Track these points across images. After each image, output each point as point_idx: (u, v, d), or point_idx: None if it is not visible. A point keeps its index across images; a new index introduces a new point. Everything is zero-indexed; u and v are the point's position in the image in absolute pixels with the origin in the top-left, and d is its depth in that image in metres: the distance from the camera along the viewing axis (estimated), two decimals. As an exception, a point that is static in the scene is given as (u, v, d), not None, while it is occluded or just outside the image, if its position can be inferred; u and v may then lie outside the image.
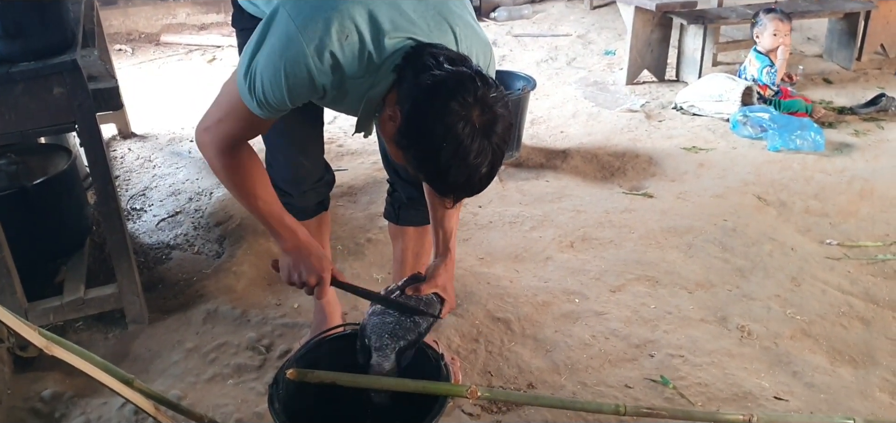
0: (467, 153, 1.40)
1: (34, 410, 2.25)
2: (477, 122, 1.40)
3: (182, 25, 7.02)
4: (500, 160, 1.47)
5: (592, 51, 6.15)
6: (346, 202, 3.56)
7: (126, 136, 4.46)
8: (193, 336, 2.59)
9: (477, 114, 1.40)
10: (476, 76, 1.43)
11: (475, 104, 1.40)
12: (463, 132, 1.38)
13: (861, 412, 2.21)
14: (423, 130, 1.42)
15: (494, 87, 1.46)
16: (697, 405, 2.25)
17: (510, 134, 1.49)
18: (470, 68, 1.45)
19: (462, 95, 1.39)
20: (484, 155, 1.42)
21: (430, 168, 1.45)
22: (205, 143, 1.73)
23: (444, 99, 1.39)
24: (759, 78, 4.61)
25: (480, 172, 1.44)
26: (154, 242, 3.25)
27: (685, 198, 3.59)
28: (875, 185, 3.68)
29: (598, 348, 2.51)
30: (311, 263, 1.81)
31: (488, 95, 1.42)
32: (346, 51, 1.50)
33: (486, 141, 1.41)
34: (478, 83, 1.41)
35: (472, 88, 1.40)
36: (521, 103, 3.98)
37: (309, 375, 1.75)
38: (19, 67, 2.14)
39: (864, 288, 2.88)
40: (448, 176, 1.44)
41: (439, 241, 2.00)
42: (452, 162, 1.41)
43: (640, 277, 2.92)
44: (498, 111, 1.43)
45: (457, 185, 1.46)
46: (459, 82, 1.41)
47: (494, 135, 1.43)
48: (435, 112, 1.40)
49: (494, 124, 1.43)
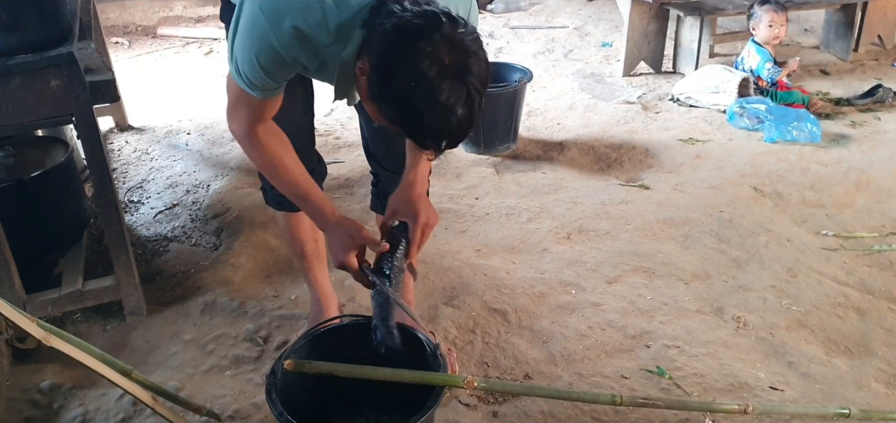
0: (438, 94, 1.36)
1: (33, 401, 2.26)
2: (446, 60, 1.36)
3: (179, 18, 7.00)
4: (478, 101, 1.42)
5: (589, 43, 6.15)
6: (343, 194, 3.57)
7: (123, 128, 4.46)
8: (191, 328, 2.60)
9: (445, 52, 1.36)
10: (442, 15, 1.38)
11: (442, 42, 1.35)
12: (431, 72, 1.35)
13: (856, 402, 2.23)
14: (391, 76, 1.40)
15: (463, 24, 1.41)
16: (693, 395, 2.26)
17: (487, 72, 1.43)
18: (436, 8, 1.40)
19: (427, 35, 1.35)
20: (458, 95, 1.37)
21: (405, 116, 1.42)
22: (232, 131, 1.79)
23: (410, 40, 1.36)
24: (758, 71, 4.60)
25: (457, 115, 1.39)
26: (152, 234, 3.26)
27: (682, 189, 3.59)
28: (871, 176, 3.68)
29: (595, 339, 2.52)
30: (334, 245, 1.82)
31: (456, 33, 1.38)
32: (309, 21, 1.50)
33: (458, 81, 1.37)
34: (443, 20, 1.37)
35: (438, 27, 1.36)
36: (517, 95, 3.98)
37: (306, 366, 1.76)
38: (16, 60, 2.14)
39: (859, 279, 2.90)
40: (422, 122, 1.40)
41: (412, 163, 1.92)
42: (424, 106, 1.37)
43: (636, 268, 2.93)
44: (469, 48, 1.39)
45: (434, 130, 1.42)
46: (425, 22, 1.37)
47: (468, 73, 1.38)
48: (401, 55, 1.37)
49: (466, 62, 1.38)
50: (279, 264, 2.97)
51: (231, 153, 4.02)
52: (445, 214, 3.38)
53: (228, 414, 2.20)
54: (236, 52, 1.60)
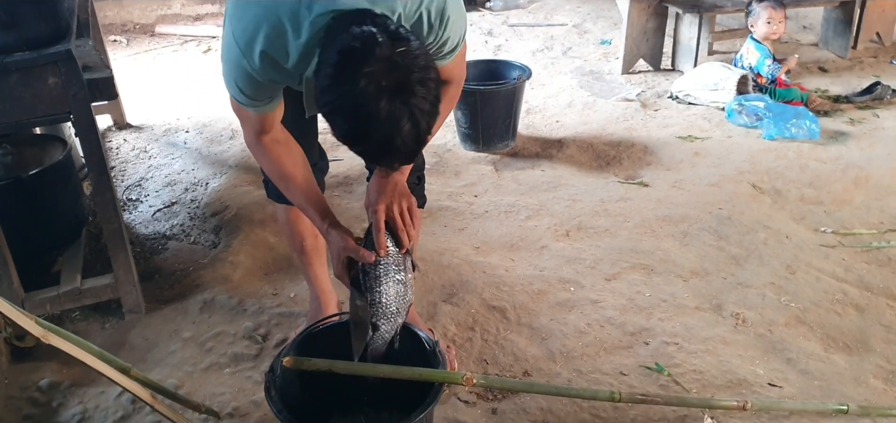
0: (376, 115, 1.34)
1: (32, 399, 2.26)
2: (384, 81, 1.34)
3: (177, 16, 6.99)
4: (425, 118, 1.39)
5: (588, 40, 6.14)
6: (341, 192, 3.57)
7: (121, 126, 4.45)
8: (190, 326, 2.60)
9: (383, 73, 1.33)
10: (380, 35, 1.36)
11: (380, 63, 1.33)
12: (368, 93, 1.33)
13: (855, 398, 2.23)
14: (332, 99, 1.39)
15: (405, 42, 1.38)
16: (692, 391, 2.26)
17: (434, 90, 1.40)
18: (381, 28, 1.38)
19: (365, 57, 1.34)
20: (398, 114, 1.35)
21: (349, 137, 1.42)
22: (244, 140, 1.84)
23: (348, 64, 1.35)
24: (757, 68, 4.60)
25: (401, 134, 1.37)
26: (150, 232, 3.26)
27: (680, 187, 3.59)
28: (870, 173, 3.68)
29: (594, 336, 2.52)
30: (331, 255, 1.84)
31: (395, 52, 1.35)
32: (274, 45, 1.51)
33: (397, 100, 1.35)
34: (380, 41, 1.35)
35: (375, 48, 1.34)
36: (516, 93, 3.98)
37: (305, 363, 1.76)
38: (14, 57, 2.14)
39: (858, 275, 2.90)
40: (367, 141, 1.40)
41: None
42: (366, 128, 1.37)
43: (635, 265, 2.93)
44: (409, 68, 1.36)
45: (379, 150, 1.42)
46: (361, 44, 1.35)
47: (410, 95, 1.36)
48: (339, 78, 1.36)
49: (406, 83, 1.36)
50: (278, 262, 2.97)
51: (229, 151, 4.02)
52: (444, 211, 3.38)
53: (227, 412, 2.20)
54: (222, 73, 1.66)
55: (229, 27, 1.58)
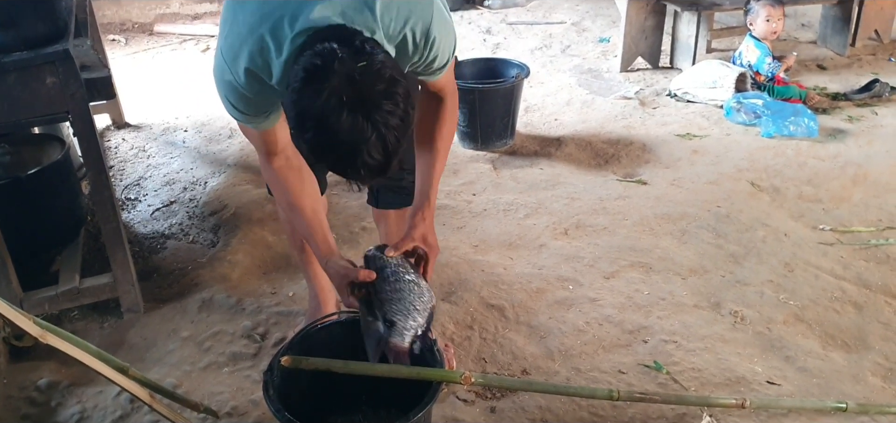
0: (337, 131, 1.34)
1: (30, 399, 2.26)
2: (345, 97, 1.33)
3: (176, 15, 6.99)
4: (392, 131, 1.37)
5: (586, 38, 6.14)
6: (340, 190, 3.56)
7: (120, 126, 4.45)
8: (189, 325, 2.60)
9: (343, 89, 1.33)
10: (341, 49, 1.35)
11: (338, 78, 1.33)
12: (327, 109, 1.33)
13: (853, 395, 2.23)
14: (295, 118, 1.39)
15: (365, 56, 1.36)
16: (690, 389, 2.26)
17: (402, 104, 1.38)
18: (345, 43, 1.37)
19: (325, 74, 1.33)
20: (360, 129, 1.34)
21: (318, 154, 1.42)
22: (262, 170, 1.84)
23: (308, 80, 1.35)
24: (757, 66, 4.60)
25: (367, 147, 1.36)
26: (149, 231, 3.26)
27: (679, 185, 3.60)
28: (868, 170, 3.69)
29: (592, 334, 2.52)
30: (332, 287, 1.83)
31: (355, 68, 1.34)
32: (257, 63, 1.51)
33: (359, 114, 1.33)
34: (340, 56, 1.34)
35: (332, 64, 1.33)
36: (514, 91, 3.98)
37: (303, 362, 1.76)
38: (12, 57, 2.14)
39: (856, 273, 2.90)
40: (333, 157, 1.40)
41: (418, 190, 1.92)
42: (331, 144, 1.37)
43: (633, 263, 2.93)
44: (370, 83, 1.35)
45: (347, 165, 1.41)
46: (321, 61, 1.35)
47: (373, 109, 1.34)
48: (301, 97, 1.36)
49: (368, 98, 1.34)
50: (277, 261, 2.97)
51: (228, 150, 4.02)
52: (442, 210, 3.38)
53: (226, 411, 2.20)
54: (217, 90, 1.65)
55: (218, 42, 1.58)
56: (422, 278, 1.79)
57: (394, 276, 1.75)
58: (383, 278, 1.75)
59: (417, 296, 1.74)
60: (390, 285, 1.74)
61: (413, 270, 1.78)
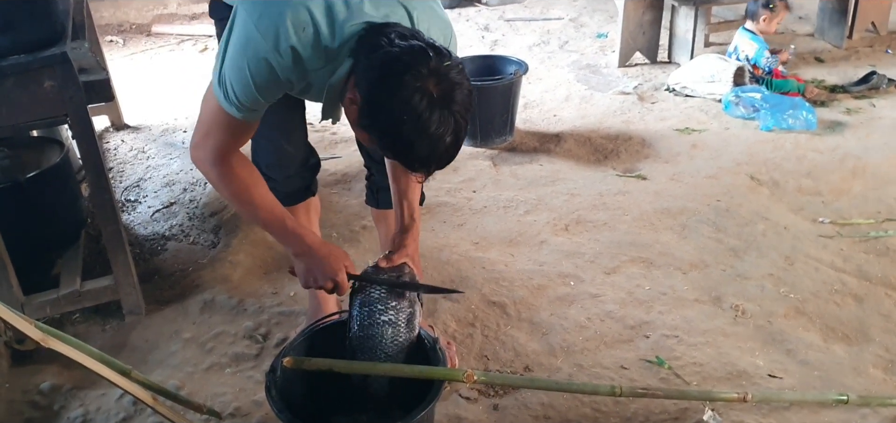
0: (428, 125, 1.42)
1: (33, 403, 2.26)
2: (434, 92, 1.42)
3: (173, 15, 6.98)
4: (464, 128, 1.48)
5: (584, 34, 6.14)
6: (340, 190, 3.56)
7: (119, 127, 4.45)
8: (191, 326, 2.60)
9: (433, 84, 1.42)
10: (428, 48, 1.44)
11: (430, 75, 1.41)
12: (420, 104, 1.41)
13: (855, 388, 2.23)
14: (381, 107, 1.45)
15: (448, 56, 1.46)
16: (692, 384, 2.26)
17: (471, 100, 1.49)
18: (422, 41, 1.46)
19: (415, 68, 1.41)
20: (445, 125, 1.44)
21: (395, 145, 1.48)
22: (198, 159, 1.76)
23: (397, 74, 1.41)
24: (755, 59, 4.60)
25: (445, 142, 1.46)
26: (149, 233, 3.25)
27: (678, 179, 3.60)
28: (867, 162, 3.69)
29: (594, 330, 2.53)
30: (324, 268, 1.81)
31: (442, 65, 1.43)
32: (303, 42, 1.53)
33: (445, 110, 1.43)
34: (430, 54, 1.43)
35: (425, 60, 1.42)
36: (513, 88, 3.98)
37: (305, 362, 1.76)
38: (9, 61, 2.13)
39: (856, 265, 2.90)
40: (413, 150, 1.46)
41: (403, 213, 2.01)
42: (414, 136, 1.43)
43: (634, 258, 2.93)
44: (454, 79, 1.45)
45: (422, 158, 1.48)
46: (412, 56, 1.42)
47: (454, 103, 1.44)
48: (390, 88, 1.42)
49: (452, 93, 1.44)
50: (278, 261, 2.97)
51: (227, 151, 4.01)
52: (443, 207, 3.38)
53: (229, 412, 2.20)
54: (227, 72, 1.59)
55: (247, 21, 1.54)
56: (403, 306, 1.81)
57: (368, 317, 1.79)
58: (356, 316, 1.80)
59: (390, 340, 1.79)
60: (364, 329, 1.79)
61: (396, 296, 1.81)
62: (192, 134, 1.76)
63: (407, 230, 1.98)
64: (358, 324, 1.80)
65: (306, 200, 2.24)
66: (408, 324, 1.82)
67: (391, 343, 1.79)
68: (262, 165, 2.07)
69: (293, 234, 1.83)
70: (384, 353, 1.79)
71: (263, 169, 2.07)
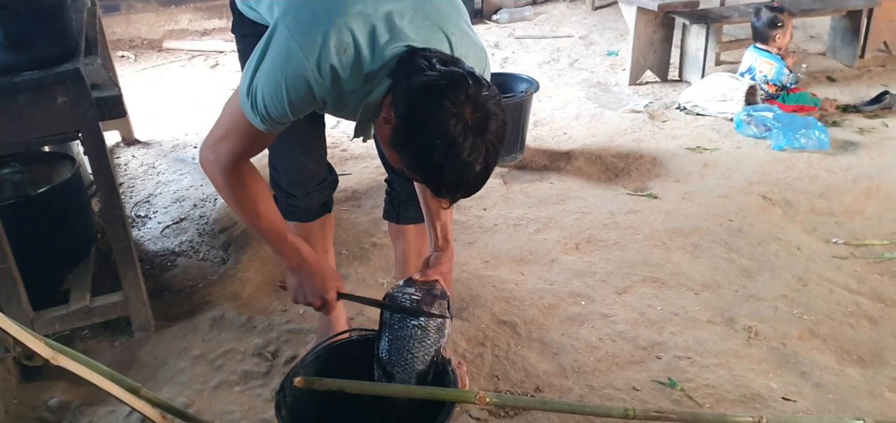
0: (460, 151, 1.42)
1: (41, 419, 2.25)
2: (469, 119, 1.42)
3: (184, 31, 7.03)
4: (494, 158, 1.49)
5: (595, 52, 6.14)
6: (350, 207, 3.56)
7: (130, 142, 4.46)
8: (200, 343, 2.59)
9: (469, 112, 1.42)
10: (468, 76, 1.45)
11: (467, 102, 1.42)
12: (455, 130, 1.41)
13: (870, 412, 2.20)
14: (416, 129, 1.45)
15: (486, 86, 1.47)
16: (705, 406, 2.24)
17: (504, 132, 1.50)
18: (462, 68, 1.47)
19: (454, 94, 1.41)
20: (477, 152, 1.44)
21: (425, 167, 1.48)
22: (208, 161, 1.76)
23: (436, 98, 1.42)
24: (776, 77, 4.58)
25: (475, 170, 1.46)
26: (159, 249, 3.25)
27: (690, 198, 3.58)
28: (881, 183, 3.66)
29: (605, 350, 2.51)
30: (315, 283, 1.83)
31: (480, 94, 1.44)
32: (343, 63, 1.54)
33: (479, 138, 1.43)
34: (469, 82, 1.44)
35: (464, 87, 1.43)
36: (523, 105, 3.98)
37: (316, 382, 1.75)
38: (23, 77, 2.14)
39: (871, 287, 2.87)
40: (442, 174, 1.46)
41: (437, 234, 2.01)
42: (446, 160, 1.43)
43: (646, 278, 2.91)
44: (490, 109, 1.45)
45: (451, 183, 1.48)
46: (451, 82, 1.43)
47: (487, 133, 1.45)
48: (428, 111, 1.43)
49: (487, 122, 1.44)
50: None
51: (237, 167, 4.01)
52: (453, 225, 3.37)
53: (237, 430, 2.19)
54: (260, 84, 1.59)
55: (289, 38, 1.55)
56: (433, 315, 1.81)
57: (400, 322, 1.79)
58: (389, 324, 1.81)
59: (419, 341, 1.79)
60: (394, 333, 1.80)
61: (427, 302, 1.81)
62: (208, 134, 1.77)
63: (441, 250, 1.99)
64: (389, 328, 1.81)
65: (322, 217, 2.25)
66: (437, 330, 1.82)
67: (419, 344, 1.79)
68: (282, 182, 2.10)
69: (291, 246, 1.84)
70: (411, 353, 1.79)
71: (284, 186, 2.10)
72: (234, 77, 5.68)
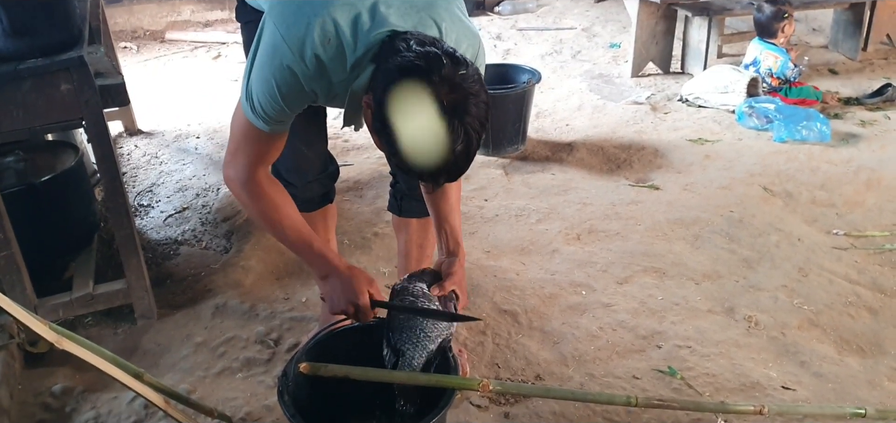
0: (435, 133, 1.39)
1: (45, 405, 2.27)
2: (445, 101, 1.39)
3: (187, 22, 7.02)
4: (476, 140, 1.45)
5: (597, 43, 6.14)
6: (352, 197, 3.57)
7: (132, 133, 4.47)
8: (202, 331, 2.60)
9: (445, 93, 1.39)
10: (444, 55, 1.42)
11: (442, 83, 1.39)
12: (429, 111, 1.39)
13: (869, 401, 2.21)
14: (391, 113, 1.43)
15: (465, 65, 1.44)
16: (705, 395, 2.25)
17: (487, 112, 1.46)
18: (439, 48, 1.44)
19: (428, 76, 1.39)
20: (454, 134, 1.40)
21: (400, 153, 1.45)
22: (230, 178, 1.78)
23: (410, 81, 1.40)
24: (781, 70, 4.58)
25: (453, 152, 1.42)
26: (162, 237, 3.26)
27: (691, 189, 3.58)
28: (882, 175, 3.67)
29: (606, 339, 2.52)
30: (344, 290, 1.80)
31: (456, 73, 1.41)
32: (328, 52, 1.53)
33: (456, 120, 1.40)
34: (444, 61, 1.41)
35: (439, 68, 1.40)
36: (526, 97, 3.98)
37: (322, 369, 1.75)
38: (27, 64, 2.15)
39: (871, 278, 2.88)
40: (419, 158, 1.44)
41: (447, 238, 1.98)
42: (423, 144, 1.41)
43: (646, 268, 2.92)
44: (468, 89, 1.42)
45: (430, 167, 1.45)
46: (426, 63, 1.41)
47: (466, 114, 1.41)
48: (401, 94, 1.41)
49: (465, 103, 1.41)
50: (289, 267, 2.98)
51: (240, 156, 4.02)
52: (454, 215, 3.38)
53: (240, 417, 2.20)
54: (253, 82, 1.60)
55: (274, 32, 1.55)
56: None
57: (411, 304, 1.78)
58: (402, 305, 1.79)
59: (430, 325, 1.77)
60: (405, 313, 1.78)
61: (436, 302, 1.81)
62: (225, 154, 1.78)
63: (453, 255, 1.96)
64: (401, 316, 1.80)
65: (323, 207, 2.25)
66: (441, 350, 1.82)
67: (432, 325, 1.78)
68: (281, 171, 2.09)
69: (319, 255, 1.84)
70: (423, 331, 1.77)
71: (283, 174, 2.09)
72: (237, 68, 5.68)
